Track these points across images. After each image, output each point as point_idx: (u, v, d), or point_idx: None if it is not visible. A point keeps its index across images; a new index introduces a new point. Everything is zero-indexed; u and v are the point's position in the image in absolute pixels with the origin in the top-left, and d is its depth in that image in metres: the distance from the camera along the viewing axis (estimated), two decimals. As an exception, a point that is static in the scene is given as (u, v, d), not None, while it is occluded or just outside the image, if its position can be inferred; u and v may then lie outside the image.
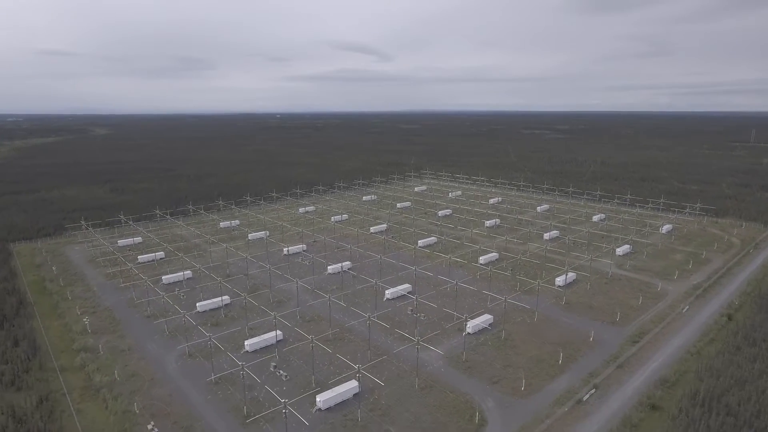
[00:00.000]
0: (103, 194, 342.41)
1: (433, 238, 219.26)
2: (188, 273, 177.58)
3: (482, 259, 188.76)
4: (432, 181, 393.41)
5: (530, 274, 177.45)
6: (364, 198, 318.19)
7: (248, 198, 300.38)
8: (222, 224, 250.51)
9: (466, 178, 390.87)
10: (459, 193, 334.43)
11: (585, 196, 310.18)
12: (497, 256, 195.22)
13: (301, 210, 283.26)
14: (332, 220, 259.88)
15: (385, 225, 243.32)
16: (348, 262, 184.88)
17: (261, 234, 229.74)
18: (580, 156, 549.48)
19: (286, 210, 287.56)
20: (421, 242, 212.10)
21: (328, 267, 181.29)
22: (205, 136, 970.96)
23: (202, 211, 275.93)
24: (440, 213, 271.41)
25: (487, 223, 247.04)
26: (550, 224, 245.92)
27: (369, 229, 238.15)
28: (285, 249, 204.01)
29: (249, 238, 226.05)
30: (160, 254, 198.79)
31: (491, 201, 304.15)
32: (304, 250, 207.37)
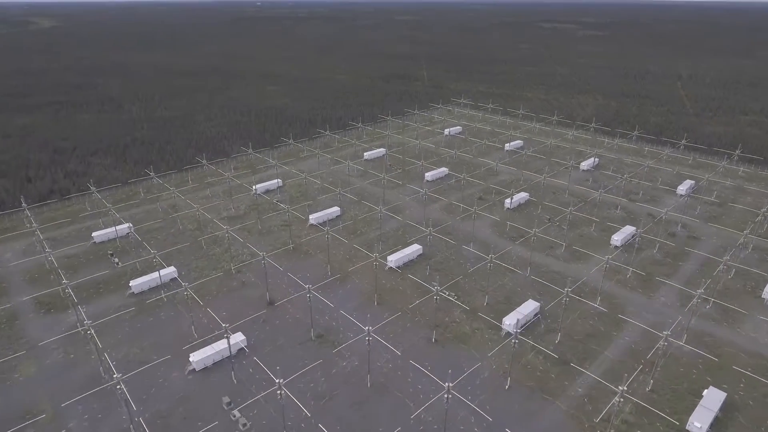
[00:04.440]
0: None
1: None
2: None
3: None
4: (466, 115, 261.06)
5: None
6: (367, 155, 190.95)
7: (151, 174, 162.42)
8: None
9: (527, 114, 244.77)
10: (520, 143, 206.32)
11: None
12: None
13: (257, 188, 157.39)
14: (311, 220, 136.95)
15: (419, 247, 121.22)
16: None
17: (144, 280, 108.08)
18: (651, 65, 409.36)
19: (218, 194, 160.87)
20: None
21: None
22: (164, 30, 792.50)
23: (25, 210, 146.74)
24: (515, 198, 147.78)
25: (616, 239, 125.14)
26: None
27: (387, 261, 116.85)
28: (191, 361, 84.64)
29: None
30: None
31: (585, 165, 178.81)
32: (245, 348, 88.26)
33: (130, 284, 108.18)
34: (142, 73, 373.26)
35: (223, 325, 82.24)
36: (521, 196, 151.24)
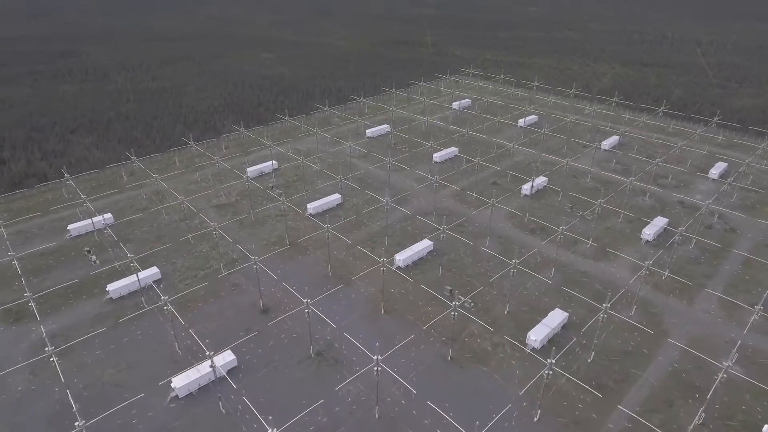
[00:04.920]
0: None
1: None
2: None
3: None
4: (476, 87, 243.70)
5: None
6: (369, 133, 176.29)
7: (132, 158, 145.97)
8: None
9: (541, 86, 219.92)
10: (534, 118, 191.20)
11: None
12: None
13: (249, 171, 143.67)
14: (309, 209, 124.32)
15: (429, 243, 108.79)
16: None
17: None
18: (667, 30, 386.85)
19: (207, 178, 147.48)
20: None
21: None
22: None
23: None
24: (535, 184, 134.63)
25: (647, 233, 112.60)
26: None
27: (395, 260, 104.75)
28: (173, 387, 73.94)
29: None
30: None
31: (606, 144, 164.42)
32: (230, 381, 77.13)
33: (107, 288, 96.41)
34: (130, 38, 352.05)
35: (207, 353, 70.52)
36: (540, 180, 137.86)
